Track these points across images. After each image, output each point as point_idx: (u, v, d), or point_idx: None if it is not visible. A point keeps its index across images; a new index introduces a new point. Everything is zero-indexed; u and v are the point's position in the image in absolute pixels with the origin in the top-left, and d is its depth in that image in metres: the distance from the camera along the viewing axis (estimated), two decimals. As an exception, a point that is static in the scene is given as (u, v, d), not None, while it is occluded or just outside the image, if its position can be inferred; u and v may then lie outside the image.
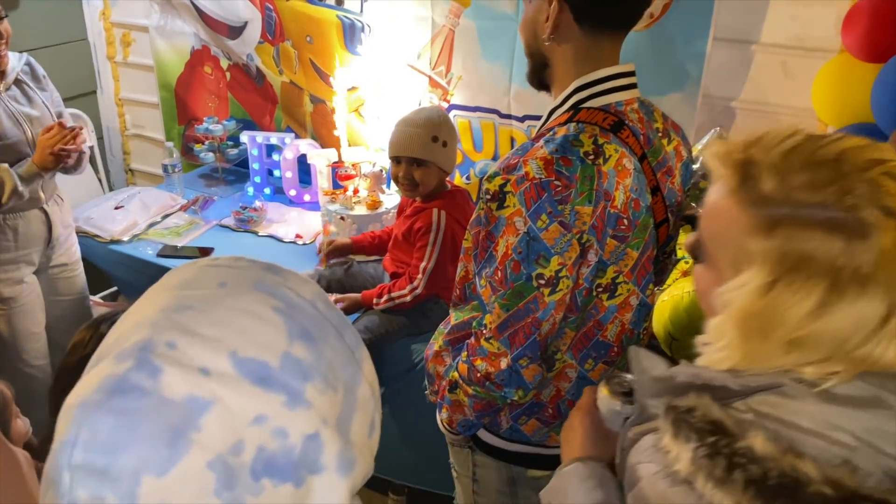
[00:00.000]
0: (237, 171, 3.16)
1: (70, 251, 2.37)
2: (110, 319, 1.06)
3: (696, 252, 0.78)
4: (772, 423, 0.67)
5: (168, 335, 0.47)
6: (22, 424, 1.12)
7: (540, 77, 1.26)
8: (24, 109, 2.07)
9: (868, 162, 0.66)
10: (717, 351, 0.73)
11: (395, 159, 2.04)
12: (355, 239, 2.33)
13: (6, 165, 2.02)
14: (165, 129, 3.37)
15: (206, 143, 3.05)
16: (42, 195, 2.19)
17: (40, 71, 2.21)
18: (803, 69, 2.12)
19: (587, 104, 1.18)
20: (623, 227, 1.16)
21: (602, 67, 1.18)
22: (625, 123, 1.18)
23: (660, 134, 1.27)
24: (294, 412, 0.46)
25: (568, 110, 1.19)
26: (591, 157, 1.11)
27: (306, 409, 0.47)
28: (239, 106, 3.16)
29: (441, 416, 1.35)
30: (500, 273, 1.13)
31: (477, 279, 1.21)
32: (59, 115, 2.23)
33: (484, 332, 1.19)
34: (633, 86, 1.22)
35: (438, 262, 2.04)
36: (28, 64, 2.18)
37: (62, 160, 2.06)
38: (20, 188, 2.03)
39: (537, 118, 2.42)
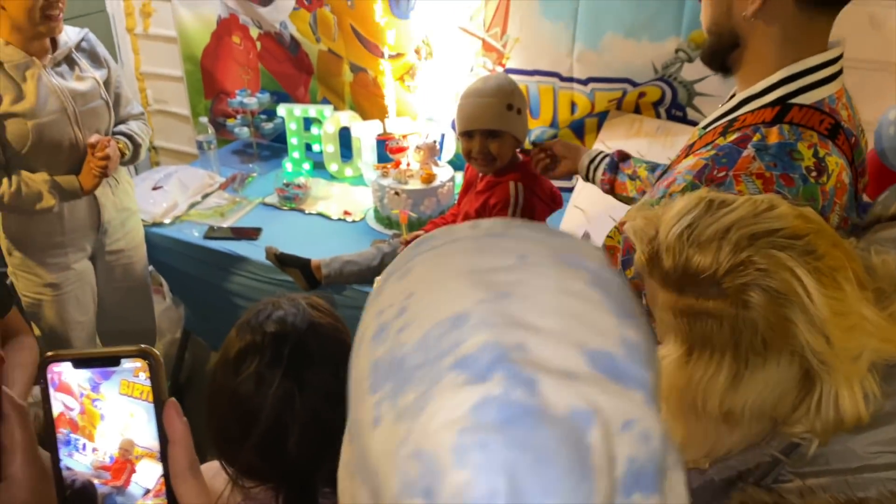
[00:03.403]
0: (270, 147, 3.01)
1: (129, 236, 2.20)
2: (272, 317, 0.93)
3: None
4: (825, 479, 0.66)
5: (510, 334, 0.36)
6: None
7: (724, 58, 1.05)
8: (69, 85, 1.89)
9: (752, 236, 0.67)
10: None
11: (467, 134, 1.87)
12: (425, 230, 2.20)
13: (47, 180, 1.88)
14: (191, 103, 3.21)
15: (239, 117, 2.90)
16: None
17: (101, 51, 2.02)
18: (893, 19, 1.99)
19: (797, 100, 0.98)
20: None
21: (812, 53, 0.98)
22: (840, 126, 0.98)
23: (861, 129, 1.06)
24: (651, 409, 0.37)
25: (773, 105, 0.99)
26: (814, 173, 0.92)
27: (657, 404, 0.38)
28: (270, 77, 3.00)
29: None
30: None
31: None
32: (118, 98, 2.07)
33: None
34: (840, 72, 1.01)
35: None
36: (86, 40, 2.00)
37: (103, 176, 1.95)
38: (56, 209, 1.93)
39: (603, 80, 2.35)
